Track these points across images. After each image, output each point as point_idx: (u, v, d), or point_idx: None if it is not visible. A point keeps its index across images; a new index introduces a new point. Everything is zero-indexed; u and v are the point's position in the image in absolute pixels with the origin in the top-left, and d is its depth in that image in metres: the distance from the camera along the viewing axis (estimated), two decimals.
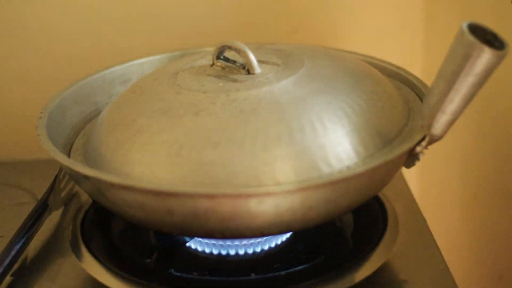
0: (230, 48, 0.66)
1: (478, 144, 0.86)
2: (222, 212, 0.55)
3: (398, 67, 0.73)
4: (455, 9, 0.89)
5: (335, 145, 0.60)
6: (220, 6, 0.94)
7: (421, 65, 0.98)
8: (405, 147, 0.59)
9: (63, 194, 0.76)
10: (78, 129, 0.73)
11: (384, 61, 0.75)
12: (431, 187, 1.06)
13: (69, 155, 0.68)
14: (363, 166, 0.58)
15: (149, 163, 0.59)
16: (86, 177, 0.59)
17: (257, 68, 0.65)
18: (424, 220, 0.70)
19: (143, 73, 0.78)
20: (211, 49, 0.69)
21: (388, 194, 0.74)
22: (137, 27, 0.94)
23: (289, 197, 0.56)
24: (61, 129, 0.70)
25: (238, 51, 0.65)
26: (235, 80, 0.64)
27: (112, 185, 0.57)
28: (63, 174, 0.75)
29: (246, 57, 0.65)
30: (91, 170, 0.60)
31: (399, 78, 0.73)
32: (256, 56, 0.65)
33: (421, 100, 0.69)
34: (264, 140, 0.58)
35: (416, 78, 0.71)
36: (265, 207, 0.55)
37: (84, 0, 0.94)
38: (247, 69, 0.65)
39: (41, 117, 0.67)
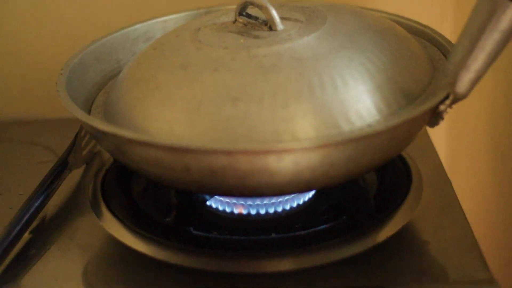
0: (252, 4, 0.65)
1: (507, 104, 0.84)
2: (239, 169, 0.55)
3: (424, 26, 0.72)
4: None
5: (356, 102, 0.58)
6: None
7: (451, 25, 0.96)
8: (428, 105, 0.58)
9: (84, 152, 0.75)
10: (99, 87, 0.72)
11: (410, 19, 0.73)
12: (458, 149, 1.04)
13: (89, 113, 0.67)
14: (384, 124, 0.57)
15: (167, 119, 0.59)
16: (104, 133, 0.58)
17: (279, 24, 0.64)
18: (450, 182, 0.69)
19: (167, 31, 0.77)
20: (235, 7, 0.68)
21: (413, 155, 0.72)
22: None
23: (308, 154, 0.55)
24: (82, 87, 0.69)
25: (260, 7, 0.64)
26: (256, 37, 0.63)
27: (129, 141, 0.56)
28: (84, 133, 0.74)
29: (268, 13, 0.64)
30: (108, 125, 0.59)
31: (425, 36, 0.71)
32: (278, 13, 0.64)
33: (446, 58, 0.67)
34: (284, 96, 0.57)
35: (442, 36, 0.69)
36: (284, 164, 0.54)
37: None
38: (269, 26, 0.64)
39: (61, 74, 0.67)
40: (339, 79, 0.59)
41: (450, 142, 1.05)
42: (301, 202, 0.67)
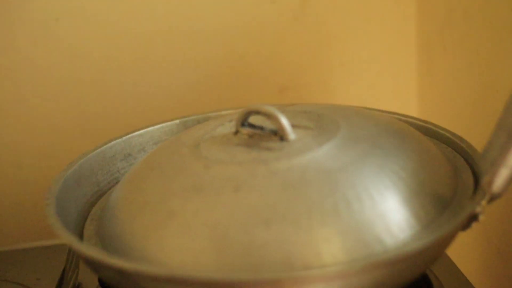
0: (258, 113, 0.60)
1: None
2: None
3: (425, 121, 0.68)
4: (450, 54, 0.85)
5: (395, 212, 0.54)
6: (206, 70, 0.89)
7: (416, 114, 0.93)
8: (467, 211, 0.54)
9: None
10: (84, 214, 0.66)
11: (407, 116, 0.70)
12: None
13: None
14: (434, 235, 0.52)
15: (190, 249, 0.53)
16: (123, 271, 0.51)
17: (291, 133, 0.59)
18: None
19: (143, 146, 0.72)
20: (213, 114, 0.63)
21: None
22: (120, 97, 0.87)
23: (360, 276, 0.50)
24: (69, 216, 0.63)
25: (268, 115, 0.59)
26: (269, 149, 0.58)
27: (166, 279, 0.50)
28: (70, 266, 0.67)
29: (278, 122, 0.59)
30: (132, 264, 0.53)
31: (428, 132, 0.68)
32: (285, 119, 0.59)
33: (459, 154, 0.64)
34: (321, 213, 0.53)
35: (447, 130, 0.66)
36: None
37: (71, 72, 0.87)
38: (280, 136, 0.59)
39: (48, 205, 0.60)
40: (374, 190, 0.54)
41: None
42: None
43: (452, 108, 0.86)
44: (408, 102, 0.95)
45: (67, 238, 0.56)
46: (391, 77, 0.93)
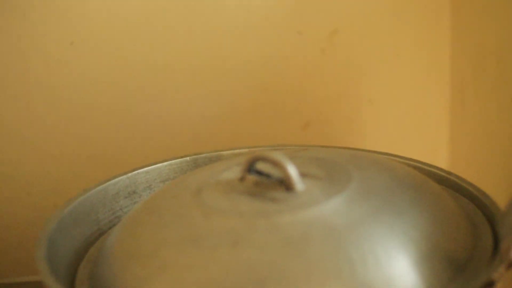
0: (264, 160, 0.56)
1: None
2: None
3: (448, 173, 0.64)
4: (482, 99, 0.81)
5: (402, 277, 0.50)
6: (228, 103, 0.85)
7: (446, 162, 0.89)
8: (483, 279, 0.50)
9: None
10: (80, 255, 0.62)
11: (429, 165, 0.66)
12: None
13: None
14: None
15: None
16: None
17: (298, 184, 0.55)
18: None
19: (150, 184, 0.68)
20: (226, 153, 0.59)
21: None
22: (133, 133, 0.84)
23: None
24: (63, 258, 0.59)
25: (275, 163, 0.55)
26: (274, 200, 0.54)
27: None
28: None
29: (284, 171, 0.55)
30: None
31: (449, 184, 0.63)
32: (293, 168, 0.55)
33: (481, 211, 0.59)
34: (322, 276, 0.48)
35: (473, 186, 0.62)
36: None
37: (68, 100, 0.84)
38: (286, 186, 0.55)
39: (39, 246, 0.56)
40: (382, 252, 0.50)
41: None
42: None
43: (482, 158, 0.81)
44: (437, 146, 0.90)
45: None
46: (422, 118, 0.89)
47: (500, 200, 0.59)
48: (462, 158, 0.86)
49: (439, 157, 0.90)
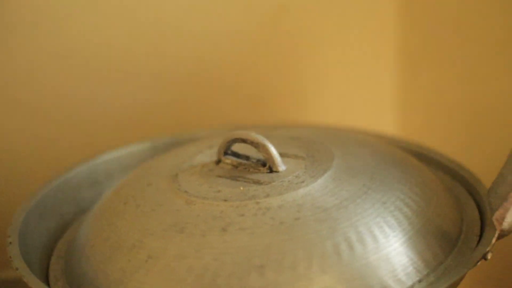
0: (244, 141, 0.54)
1: None
2: None
3: (419, 146, 0.63)
4: (432, 71, 0.80)
5: (401, 256, 0.49)
6: (177, 90, 0.82)
7: (395, 130, 0.88)
8: (479, 252, 0.49)
9: None
10: (48, 251, 0.59)
11: (401, 141, 0.65)
12: None
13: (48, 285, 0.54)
14: (445, 283, 0.47)
15: None
16: None
17: (281, 165, 0.53)
18: None
19: (110, 173, 0.65)
20: (187, 136, 0.57)
21: None
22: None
23: None
24: (33, 254, 0.56)
25: (256, 144, 0.53)
26: (257, 182, 0.52)
27: None
28: None
29: (268, 152, 0.53)
30: None
31: (420, 158, 0.63)
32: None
33: (459, 182, 0.58)
34: (321, 258, 0.47)
35: (447, 158, 0.61)
36: None
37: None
38: (269, 167, 0.53)
39: (11, 243, 0.53)
40: (378, 230, 0.49)
41: None
42: None
43: (436, 129, 0.81)
44: (389, 119, 0.89)
45: (35, 285, 0.49)
46: (373, 91, 0.88)
47: None
48: (416, 129, 0.86)
49: (391, 129, 0.89)
